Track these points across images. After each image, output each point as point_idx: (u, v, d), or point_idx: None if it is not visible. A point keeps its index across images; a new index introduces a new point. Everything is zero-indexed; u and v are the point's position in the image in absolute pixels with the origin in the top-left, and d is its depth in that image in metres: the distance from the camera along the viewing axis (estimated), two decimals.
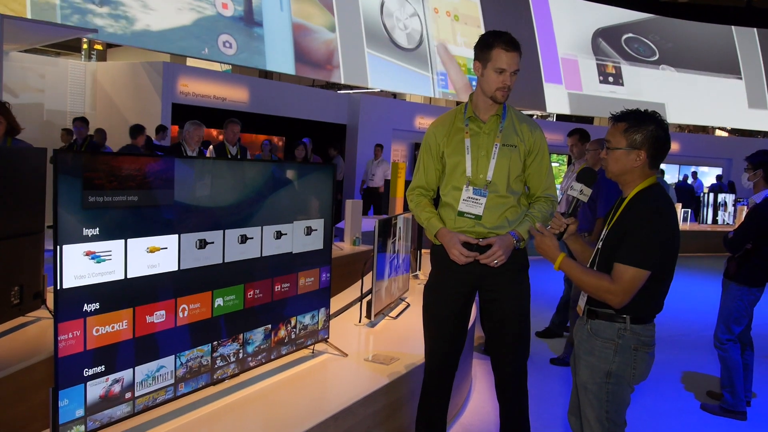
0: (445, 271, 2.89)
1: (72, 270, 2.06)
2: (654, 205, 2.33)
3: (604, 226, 2.55)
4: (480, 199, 2.80)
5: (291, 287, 3.09)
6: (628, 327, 2.38)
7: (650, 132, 2.36)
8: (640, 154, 2.37)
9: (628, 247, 2.30)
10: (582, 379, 2.47)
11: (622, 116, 2.43)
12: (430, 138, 2.95)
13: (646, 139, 2.36)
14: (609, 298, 2.32)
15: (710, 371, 5.34)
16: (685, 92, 20.15)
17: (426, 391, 3.00)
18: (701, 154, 20.46)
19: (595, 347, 2.42)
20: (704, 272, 10.79)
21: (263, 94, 13.28)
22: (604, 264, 2.40)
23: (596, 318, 2.44)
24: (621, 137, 2.40)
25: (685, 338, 6.53)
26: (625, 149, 2.39)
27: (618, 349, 2.39)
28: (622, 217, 2.39)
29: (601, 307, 2.41)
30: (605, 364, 2.40)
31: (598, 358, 2.41)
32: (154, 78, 11.40)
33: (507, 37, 2.77)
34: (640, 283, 2.29)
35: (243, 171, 2.81)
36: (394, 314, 4.34)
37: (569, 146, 5.68)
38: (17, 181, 3.24)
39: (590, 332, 2.45)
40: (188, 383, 2.55)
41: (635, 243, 2.29)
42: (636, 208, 2.36)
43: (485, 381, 4.73)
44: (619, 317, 2.39)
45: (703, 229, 13.78)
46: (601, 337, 2.41)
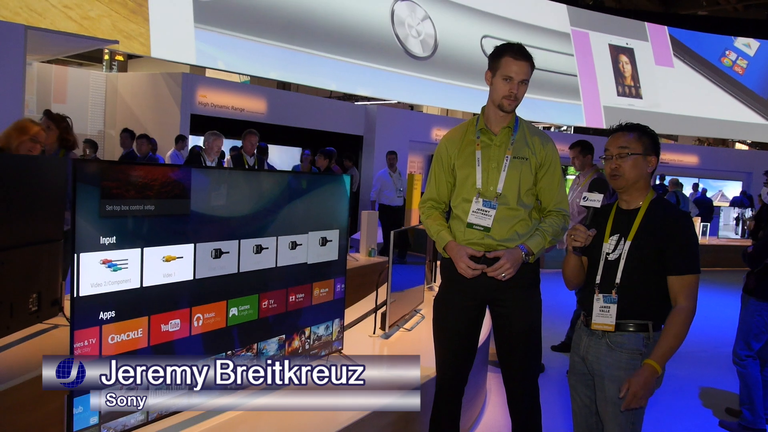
0: (454, 285, 2.88)
1: (89, 278, 2.08)
2: (680, 212, 2.44)
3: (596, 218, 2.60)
4: (489, 211, 2.79)
5: (305, 298, 3.10)
6: (651, 335, 2.41)
7: (655, 140, 2.51)
8: (652, 159, 2.47)
9: (681, 257, 2.37)
10: (608, 395, 2.44)
11: (627, 126, 2.53)
12: (442, 150, 2.95)
13: (654, 146, 2.48)
14: (690, 316, 2.38)
15: (729, 387, 5.26)
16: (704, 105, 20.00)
17: (437, 404, 2.99)
18: (721, 167, 20.29)
19: (621, 360, 2.41)
20: (723, 287, 10.67)
21: (281, 105, 13.37)
22: (630, 275, 2.41)
23: (616, 330, 2.43)
24: (637, 144, 2.46)
25: (703, 354, 6.46)
26: (641, 155, 2.46)
27: (645, 358, 2.38)
28: (652, 228, 2.41)
29: (619, 318, 2.43)
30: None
31: (626, 370, 2.40)
32: (174, 89, 11.52)
33: (517, 46, 2.78)
34: (698, 286, 2.39)
35: (259, 181, 2.83)
36: (409, 326, 4.33)
37: (571, 159, 5.67)
38: (37, 189, 3.29)
39: (611, 346, 2.44)
40: (202, 392, 2.55)
41: (686, 251, 2.37)
42: (666, 216, 2.41)
43: (500, 395, 4.69)
44: (640, 326, 2.41)
45: (722, 243, 13.63)
46: (626, 349, 2.41)
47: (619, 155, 2.46)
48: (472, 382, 3.78)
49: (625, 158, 2.45)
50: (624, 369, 2.41)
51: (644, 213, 2.43)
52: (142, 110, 11.75)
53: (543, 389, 2.98)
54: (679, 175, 15.00)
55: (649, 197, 2.45)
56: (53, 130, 4.09)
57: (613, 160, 2.48)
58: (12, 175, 3.14)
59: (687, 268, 2.37)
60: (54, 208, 3.41)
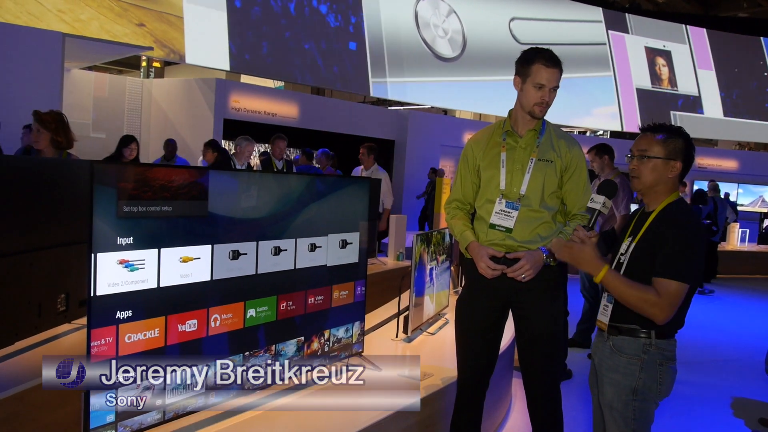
0: (476, 285, 2.88)
1: (105, 278, 2.11)
2: (689, 219, 2.31)
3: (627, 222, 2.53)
4: (512, 212, 2.78)
5: (325, 300, 3.10)
6: (653, 342, 2.33)
7: (683, 144, 2.37)
8: (676, 164, 2.36)
9: (669, 261, 2.24)
10: (607, 398, 2.42)
11: (657, 127, 2.42)
12: (468, 152, 2.97)
13: (681, 150, 2.36)
14: (654, 312, 2.25)
15: (762, 397, 5.12)
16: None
17: (458, 406, 2.98)
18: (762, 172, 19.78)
19: (619, 364, 2.37)
20: (758, 294, 10.41)
21: (313, 109, 13.48)
22: (631, 277, 2.34)
23: (619, 334, 2.38)
24: (659, 147, 2.37)
25: (736, 363, 6.30)
26: (663, 158, 2.37)
27: (644, 365, 2.33)
28: (652, 231, 2.34)
29: (624, 322, 2.36)
30: (631, 381, 2.34)
31: (623, 375, 2.36)
32: (207, 94, 11.70)
33: (548, 53, 2.75)
34: (682, 297, 2.24)
35: (278, 183, 2.85)
36: (433, 330, 4.31)
37: (590, 162, 5.62)
38: (65, 192, 3.35)
39: (613, 349, 2.40)
40: (219, 393, 2.58)
41: (676, 256, 2.24)
42: (670, 221, 2.32)
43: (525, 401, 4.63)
44: (642, 332, 2.34)
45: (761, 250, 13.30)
46: (625, 354, 2.36)
47: (639, 156, 2.41)
48: (496, 387, 3.75)
49: (643, 161, 2.39)
50: (622, 374, 2.36)
51: (655, 216, 2.37)
52: (176, 116, 11.95)
53: (568, 395, 2.93)
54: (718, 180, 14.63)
55: (667, 201, 2.38)
56: (43, 132, 3.90)
57: (634, 161, 2.43)
58: (40, 178, 3.22)
59: (669, 272, 2.23)
60: (82, 209, 3.47)
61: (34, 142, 3.94)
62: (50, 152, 3.95)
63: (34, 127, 3.94)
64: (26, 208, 3.00)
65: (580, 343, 6.09)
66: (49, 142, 3.93)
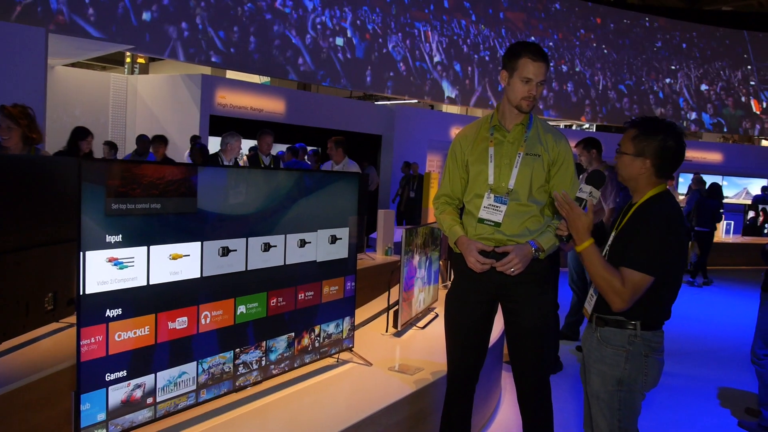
0: (465, 279, 2.89)
1: (95, 276, 2.10)
2: (662, 212, 2.33)
3: (614, 216, 2.56)
4: (500, 207, 2.79)
5: (315, 296, 3.10)
6: (638, 333, 2.37)
7: (658, 141, 2.37)
8: (645, 162, 2.39)
9: (635, 252, 2.30)
10: (593, 388, 2.46)
11: (634, 123, 2.45)
12: (456, 147, 2.97)
13: (652, 148, 2.37)
14: (614, 299, 2.31)
15: (748, 387, 5.18)
16: None
17: (448, 400, 2.99)
18: (745, 165, 19.96)
19: (605, 355, 2.40)
20: (743, 285, 10.51)
21: (300, 105, 13.43)
22: None
23: (605, 325, 2.42)
24: (630, 143, 2.42)
25: (721, 353, 6.37)
26: (631, 155, 2.41)
27: (629, 356, 2.37)
28: (630, 222, 2.39)
29: (610, 314, 2.39)
30: (616, 372, 2.38)
31: (609, 365, 2.39)
32: (193, 90, 11.62)
33: (535, 47, 2.76)
34: (644, 288, 2.29)
35: (266, 179, 2.84)
36: (422, 324, 4.32)
37: (578, 156, 5.66)
38: (52, 189, 3.33)
39: (600, 340, 2.43)
40: (210, 390, 2.57)
41: (643, 248, 2.29)
42: (645, 214, 2.36)
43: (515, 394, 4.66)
44: (629, 324, 2.37)
45: (744, 242, 13.42)
46: (611, 345, 2.39)
47: (617, 151, 2.46)
48: (486, 381, 3.77)
49: (619, 156, 2.46)
50: (608, 364, 2.39)
51: (635, 209, 2.41)
52: (162, 112, 11.87)
53: (558, 388, 2.95)
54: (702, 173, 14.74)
55: (651, 193, 2.40)
56: (15, 128, 3.71)
57: (616, 155, 2.49)
58: (27, 176, 3.19)
59: (634, 263, 2.28)
60: (70, 207, 3.44)
61: (3, 138, 3.75)
62: (19, 148, 3.78)
63: (3, 124, 3.73)
64: (12, 206, 2.97)
65: (569, 335, 6.14)
66: (19, 139, 3.76)
